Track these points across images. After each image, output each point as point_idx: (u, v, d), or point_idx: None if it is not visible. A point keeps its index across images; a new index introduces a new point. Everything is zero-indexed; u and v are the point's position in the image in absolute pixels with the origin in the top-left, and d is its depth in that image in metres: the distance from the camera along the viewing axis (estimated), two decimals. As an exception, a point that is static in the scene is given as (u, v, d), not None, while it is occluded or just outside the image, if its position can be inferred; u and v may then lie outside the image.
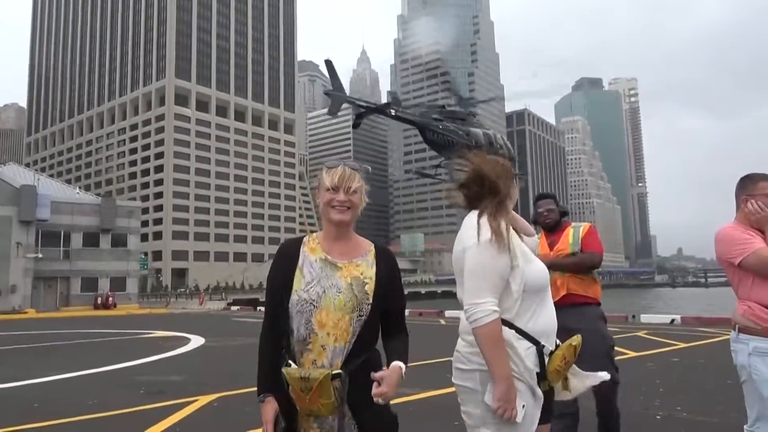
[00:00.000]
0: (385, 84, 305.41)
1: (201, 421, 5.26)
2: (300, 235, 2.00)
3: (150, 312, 34.20)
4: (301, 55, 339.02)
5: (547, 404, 1.99)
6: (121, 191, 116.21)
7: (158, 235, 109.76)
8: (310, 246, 1.90)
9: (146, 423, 5.07)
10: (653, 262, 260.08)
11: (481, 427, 1.90)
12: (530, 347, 1.91)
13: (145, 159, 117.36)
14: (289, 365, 1.75)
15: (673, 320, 16.64)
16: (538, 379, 1.89)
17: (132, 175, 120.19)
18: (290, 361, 1.77)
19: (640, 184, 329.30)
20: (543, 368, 1.91)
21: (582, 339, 2.08)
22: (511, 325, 1.91)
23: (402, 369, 1.78)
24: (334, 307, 1.77)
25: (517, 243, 1.99)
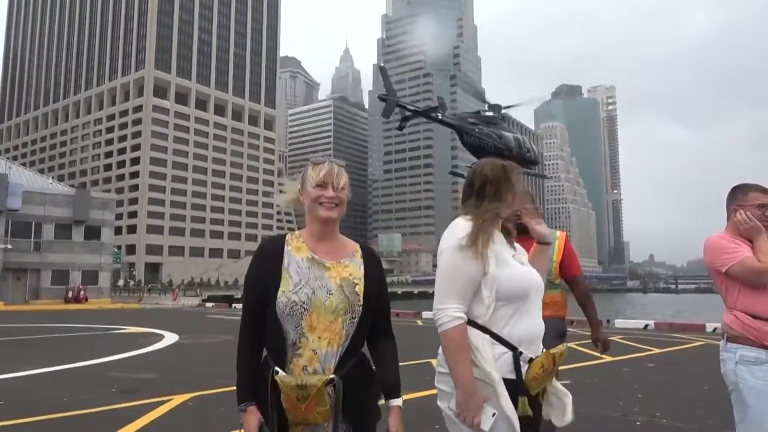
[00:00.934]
0: (367, 83, 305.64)
1: (176, 422, 5.13)
2: (281, 233, 1.92)
3: (122, 307, 33.66)
4: (284, 51, 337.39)
5: (535, 418, 1.90)
6: (96, 183, 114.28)
7: (132, 229, 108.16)
8: (295, 245, 1.80)
9: (119, 423, 4.93)
10: (626, 268, 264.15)
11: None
12: (506, 353, 1.82)
13: (122, 150, 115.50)
14: (276, 372, 1.65)
15: (647, 325, 16.96)
16: (515, 387, 1.79)
17: (107, 167, 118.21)
18: (277, 368, 1.67)
19: (615, 191, 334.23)
20: (519, 375, 1.81)
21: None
22: (485, 329, 1.83)
23: (401, 407, 1.77)
24: (326, 310, 1.69)
25: (498, 248, 1.91)
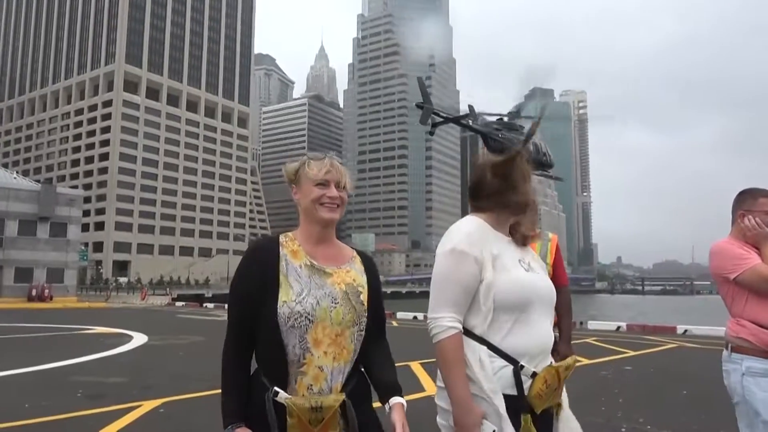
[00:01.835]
0: (343, 83, 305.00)
1: (146, 430, 4.87)
2: (272, 235, 1.73)
3: (89, 306, 32.84)
4: (258, 49, 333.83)
5: None
6: (63, 178, 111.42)
7: (100, 226, 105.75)
8: (291, 249, 1.62)
9: (85, 430, 4.67)
10: (594, 270, 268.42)
11: None
12: (505, 366, 1.66)
13: (90, 146, 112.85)
14: (276, 393, 1.49)
15: (619, 327, 17.21)
16: (516, 404, 1.64)
17: (75, 162, 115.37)
18: (276, 389, 1.50)
19: (585, 194, 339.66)
20: (521, 391, 1.65)
21: None
22: (483, 341, 1.68)
23: (404, 405, 1.60)
24: (332, 321, 1.53)
25: (499, 251, 1.75)
